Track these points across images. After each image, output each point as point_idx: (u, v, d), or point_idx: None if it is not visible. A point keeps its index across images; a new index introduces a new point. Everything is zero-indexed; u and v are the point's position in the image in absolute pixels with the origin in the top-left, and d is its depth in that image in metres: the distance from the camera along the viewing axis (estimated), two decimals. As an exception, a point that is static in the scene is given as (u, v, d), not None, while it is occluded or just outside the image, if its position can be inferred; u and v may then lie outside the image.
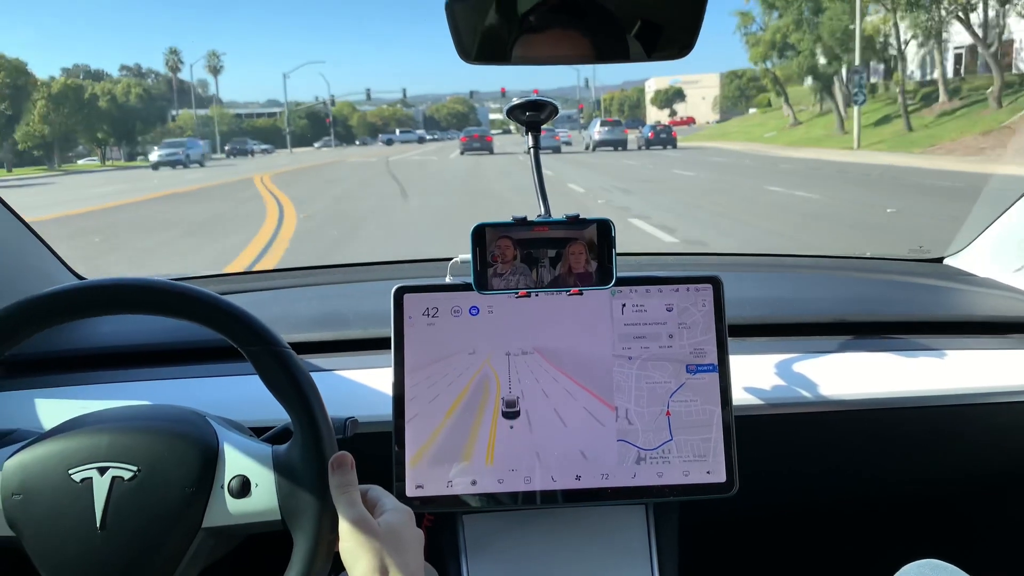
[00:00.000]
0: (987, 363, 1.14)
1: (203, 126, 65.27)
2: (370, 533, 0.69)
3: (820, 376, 1.09)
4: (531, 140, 0.97)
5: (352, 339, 1.16)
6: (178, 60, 79.83)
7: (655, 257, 1.63)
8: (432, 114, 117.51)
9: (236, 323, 0.73)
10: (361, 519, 0.70)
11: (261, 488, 0.73)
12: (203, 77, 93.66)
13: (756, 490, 0.98)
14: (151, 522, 0.72)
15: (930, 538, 1.43)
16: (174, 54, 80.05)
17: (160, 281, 0.73)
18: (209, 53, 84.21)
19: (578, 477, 0.94)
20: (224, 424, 0.80)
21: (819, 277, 1.53)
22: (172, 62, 79.65)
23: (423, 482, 0.92)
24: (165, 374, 1.09)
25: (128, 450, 0.73)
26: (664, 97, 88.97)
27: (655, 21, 0.84)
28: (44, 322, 0.72)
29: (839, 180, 15.53)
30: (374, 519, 0.71)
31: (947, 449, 1.22)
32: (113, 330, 1.19)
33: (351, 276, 1.56)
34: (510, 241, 0.83)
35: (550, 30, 0.82)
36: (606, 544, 1.03)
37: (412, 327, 0.94)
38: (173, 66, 79.59)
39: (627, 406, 0.95)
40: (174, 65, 79.47)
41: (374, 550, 0.68)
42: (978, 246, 1.49)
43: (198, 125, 64.48)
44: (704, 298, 0.97)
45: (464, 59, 0.85)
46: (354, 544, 0.69)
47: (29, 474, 0.72)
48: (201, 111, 72.84)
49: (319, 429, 0.73)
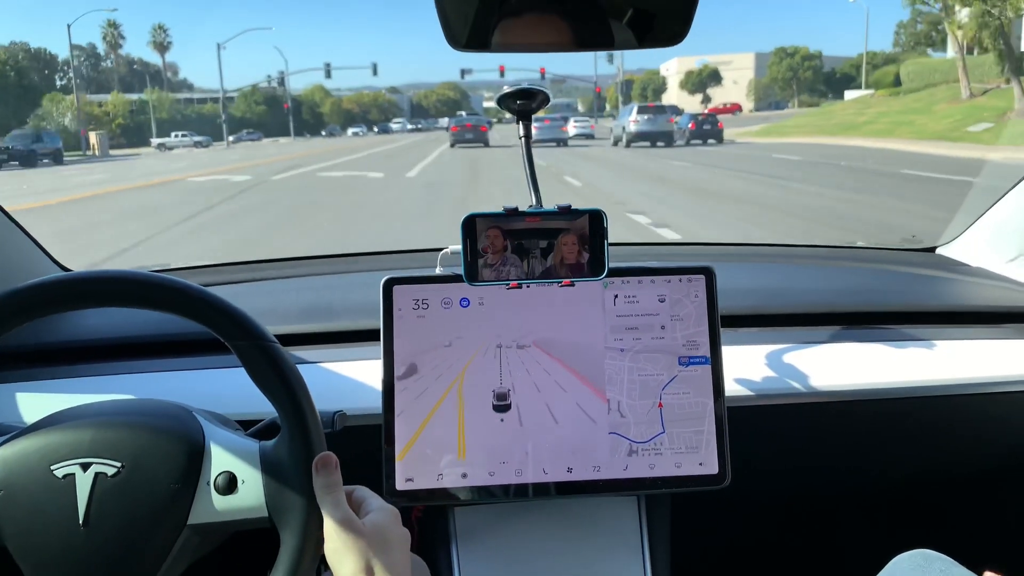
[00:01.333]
0: (979, 353, 1.14)
1: (139, 112, 56.92)
2: (356, 533, 0.69)
3: (812, 367, 1.09)
4: (522, 129, 0.96)
5: (340, 331, 1.14)
6: (118, 35, 68.52)
7: (648, 248, 1.63)
8: (420, 101, 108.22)
9: (223, 317, 0.72)
10: (346, 519, 0.69)
11: (248, 485, 0.72)
12: (173, 60, 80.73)
13: (748, 482, 0.98)
14: (135, 519, 0.70)
15: (923, 528, 1.43)
16: (112, 27, 67.75)
17: (145, 274, 0.72)
18: (154, 27, 71.16)
19: (569, 469, 0.93)
20: (210, 419, 0.78)
21: (812, 267, 1.52)
22: (111, 36, 67.75)
23: (413, 475, 0.92)
24: (150, 367, 1.07)
25: (112, 446, 0.72)
26: (696, 80, 72.69)
27: (647, 9, 0.82)
28: (27, 314, 0.71)
29: None
30: (359, 519, 0.70)
31: (940, 439, 1.22)
32: (97, 323, 1.17)
33: (339, 267, 1.55)
34: (501, 232, 0.82)
35: (530, 16, 0.80)
36: (598, 536, 1.03)
37: (402, 319, 0.93)
38: (112, 41, 68.06)
39: (619, 399, 0.94)
40: (113, 40, 68.03)
41: (360, 550, 0.68)
42: (971, 236, 1.49)
43: (135, 111, 56.03)
44: (697, 289, 0.96)
45: (453, 46, 0.83)
46: (340, 544, 0.68)
47: (10, 470, 0.71)
48: (133, 95, 62.29)
49: (307, 426, 0.72)
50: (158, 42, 70.88)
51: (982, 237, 1.47)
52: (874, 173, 13.84)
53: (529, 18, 0.80)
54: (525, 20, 0.80)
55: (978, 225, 1.47)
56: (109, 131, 48.22)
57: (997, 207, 1.42)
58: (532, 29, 0.81)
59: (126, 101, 57.83)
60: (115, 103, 56.21)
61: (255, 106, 67.99)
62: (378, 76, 47.99)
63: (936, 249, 1.57)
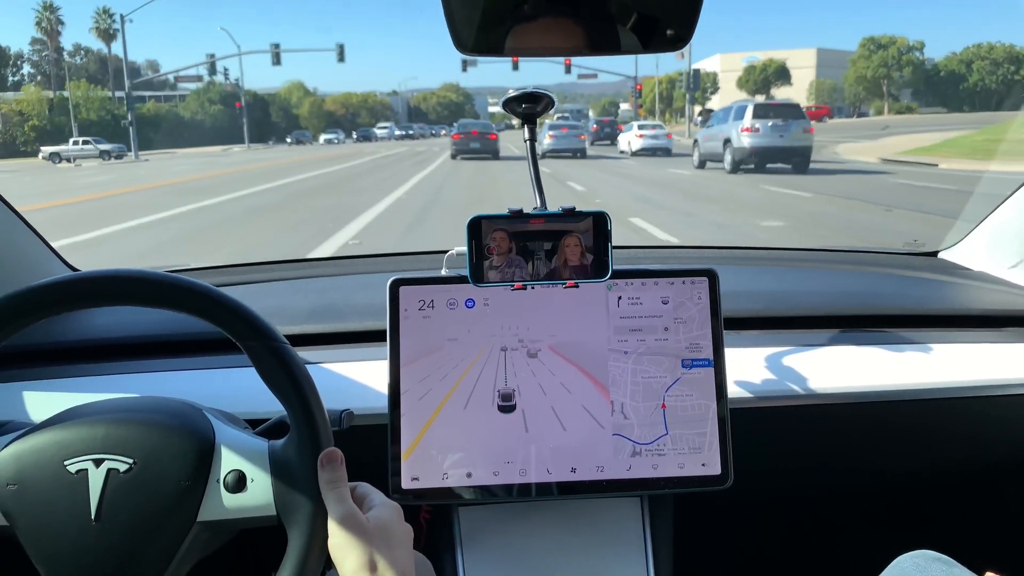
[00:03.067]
0: (981, 356, 1.14)
1: (60, 112, 46.63)
2: (359, 529, 0.69)
3: (815, 369, 1.09)
4: (527, 133, 0.97)
5: (348, 331, 1.15)
6: (56, 20, 57.40)
7: (651, 250, 1.63)
8: (418, 104, 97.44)
9: (234, 317, 0.73)
10: (350, 514, 0.70)
11: (257, 483, 0.73)
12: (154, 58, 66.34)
13: (751, 482, 0.99)
14: (146, 515, 0.71)
15: (925, 529, 1.44)
16: (49, 11, 57.03)
17: (156, 273, 0.73)
18: (97, 11, 58.49)
19: (573, 469, 0.94)
20: (220, 417, 0.79)
21: (814, 271, 1.53)
22: (47, 22, 56.78)
23: (418, 474, 0.92)
24: (161, 366, 1.09)
25: (124, 442, 0.73)
26: (759, 78, 57.64)
27: (651, 13, 0.83)
28: (38, 314, 0.72)
29: None
30: (363, 514, 0.71)
31: (941, 442, 1.22)
32: (108, 322, 1.19)
33: (346, 268, 1.56)
34: (506, 234, 0.83)
35: (545, 21, 0.81)
36: (601, 536, 1.04)
37: (408, 319, 0.94)
38: (49, 28, 56.89)
39: (623, 400, 0.95)
40: (50, 27, 56.94)
41: (363, 546, 0.68)
42: (973, 240, 1.50)
43: (53, 110, 45.88)
44: (700, 291, 0.97)
45: (460, 50, 0.84)
46: (343, 540, 0.69)
47: (24, 464, 0.72)
48: (51, 93, 51.27)
49: (316, 426, 0.73)
50: (102, 28, 58.83)
51: (984, 241, 1.47)
52: None
53: (538, 23, 0.81)
54: (534, 25, 0.81)
55: (980, 230, 1.48)
56: (22, 133, 40.62)
57: (998, 212, 1.43)
58: (541, 33, 0.81)
59: (42, 99, 47.88)
60: (29, 100, 46.60)
61: (209, 105, 55.10)
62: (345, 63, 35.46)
63: (938, 253, 1.57)
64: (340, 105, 74.87)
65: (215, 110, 54.34)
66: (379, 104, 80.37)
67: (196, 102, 56.48)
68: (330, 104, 74.83)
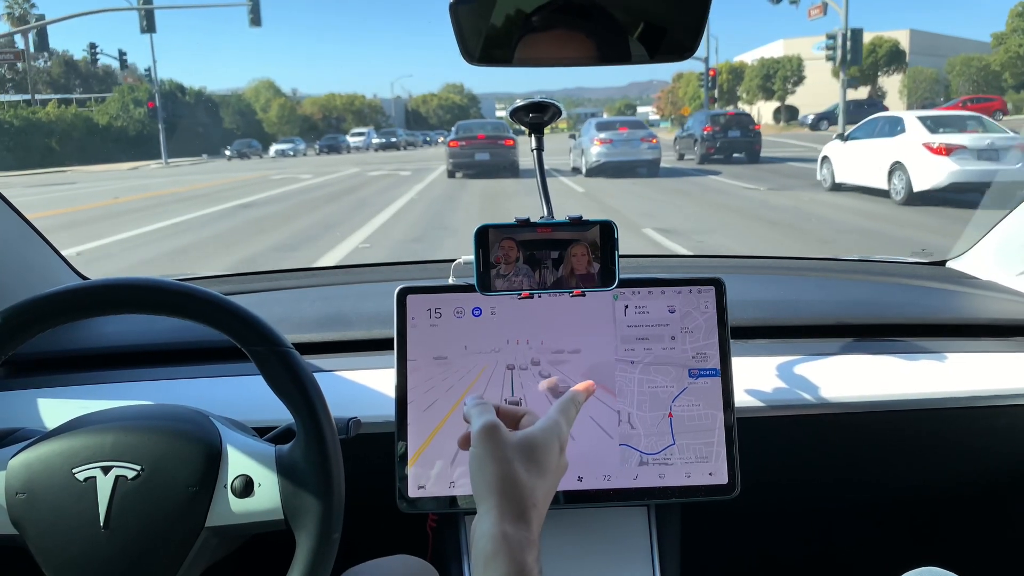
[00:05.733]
0: (989, 366, 1.14)
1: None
2: (499, 441, 0.67)
3: (822, 378, 1.09)
4: (535, 142, 0.97)
5: (355, 340, 1.16)
6: None
7: (658, 260, 1.63)
8: (416, 107, 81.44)
9: (240, 323, 0.73)
10: (492, 426, 0.68)
11: (264, 488, 0.74)
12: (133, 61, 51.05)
13: (758, 492, 0.98)
14: (154, 521, 0.72)
15: (931, 541, 1.43)
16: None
17: (164, 281, 0.73)
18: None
19: (580, 478, 0.94)
20: (227, 424, 0.80)
21: (821, 280, 1.53)
22: None
23: (425, 482, 0.92)
24: (168, 374, 1.09)
25: (132, 449, 0.73)
26: (868, 63, 40.14)
27: (658, 23, 0.83)
28: (48, 322, 0.72)
29: None
30: (507, 429, 0.69)
31: (949, 452, 1.22)
32: (116, 330, 1.19)
33: (354, 277, 1.56)
34: (513, 242, 0.83)
35: (553, 31, 0.81)
36: (608, 545, 1.03)
37: (415, 328, 0.94)
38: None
39: (629, 410, 0.95)
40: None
41: (503, 460, 0.66)
42: (981, 249, 1.49)
43: None
44: (707, 300, 0.97)
45: (468, 61, 0.84)
46: (481, 451, 0.67)
47: (33, 472, 0.73)
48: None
49: (322, 430, 0.73)
50: (16, 16, 44.68)
51: (992, 251, 1.47)
52: None
53: (546, 33, 0.81)
54: (542, 35, 0.81)
55: (988, 239, 1.48)
56: None
57: (1007, 221, 1.42)
58: (549, 44, 0.82)
59: None
60: None
61: (133, 108, 40.81)
62: (261, 24, 23.57)
63: (946, 263, 1.57)
64: (319, 108, 60.67)
65: (139, 114, 40.27)
66: (367, 107, 65.22)
67: (117, 104, 42.44)
68: (307, 107, 61.39)
